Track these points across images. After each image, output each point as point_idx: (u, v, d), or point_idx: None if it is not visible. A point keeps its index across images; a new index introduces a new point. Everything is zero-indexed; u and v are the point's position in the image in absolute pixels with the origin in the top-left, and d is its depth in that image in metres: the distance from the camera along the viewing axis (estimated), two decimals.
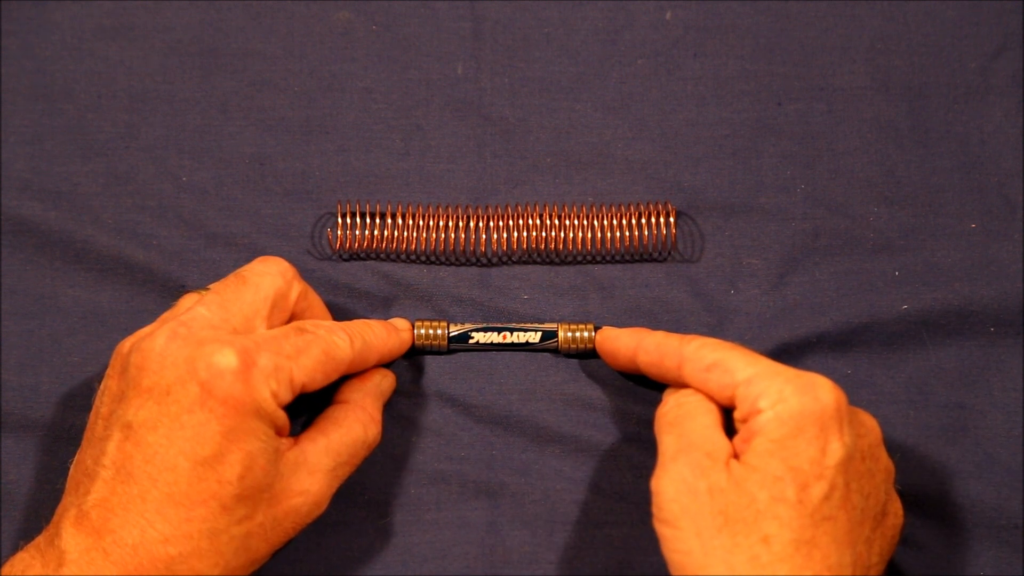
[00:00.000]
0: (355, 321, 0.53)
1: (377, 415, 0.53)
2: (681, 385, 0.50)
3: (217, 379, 0.44)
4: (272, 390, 0.45)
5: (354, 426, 0.51)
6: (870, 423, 0.49)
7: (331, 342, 0.49)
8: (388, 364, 0.56)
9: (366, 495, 0.56)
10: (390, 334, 0.54)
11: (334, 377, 0.49)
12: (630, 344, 0.53)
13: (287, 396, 0.46)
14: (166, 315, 0.50)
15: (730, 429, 0.48)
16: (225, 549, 0.45)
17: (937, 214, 0.59)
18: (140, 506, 0.44)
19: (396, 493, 0.56)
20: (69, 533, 0.44)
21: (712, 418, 0.48)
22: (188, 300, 0.49)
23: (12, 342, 0.56)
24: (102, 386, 0.49)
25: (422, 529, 0.55)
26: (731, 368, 0.47)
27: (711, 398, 0.49)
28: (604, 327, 0.56)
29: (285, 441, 0.48)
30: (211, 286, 0.50)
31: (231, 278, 0.50)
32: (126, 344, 0.49)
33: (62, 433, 0.55)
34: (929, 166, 0.59)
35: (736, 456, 0.46)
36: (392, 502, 0.56)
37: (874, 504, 0.47)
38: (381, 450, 0.56)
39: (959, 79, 0.60)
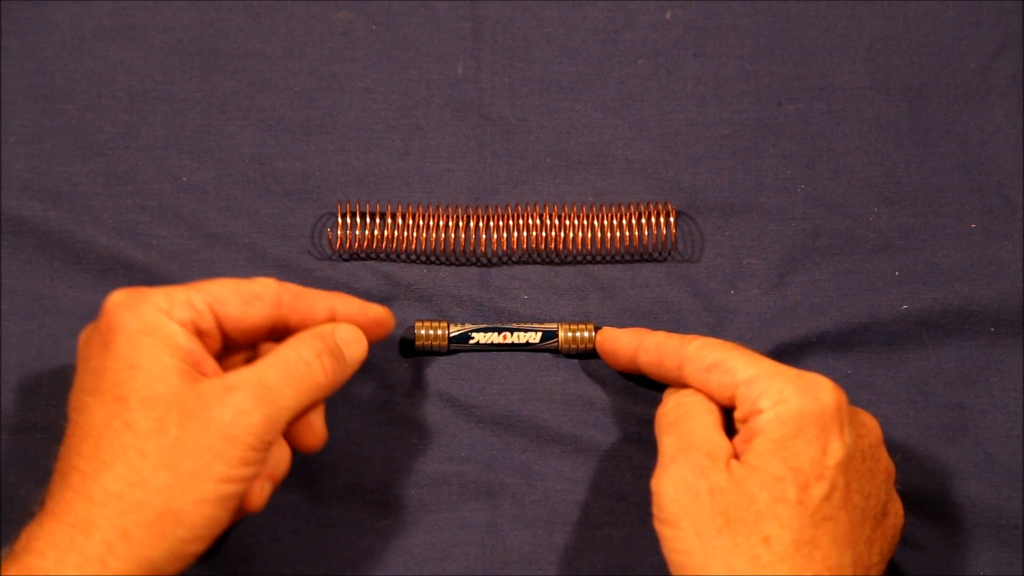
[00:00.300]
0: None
1: (316, 343, 0.49)
2: (681, 385, 0.50)
3: (107, 315, 0.46)
4: (161, 308, 0.46)
5: (282, 349, 0.48)
6: (871, 423, 0.49)
7: (247, 280, 0.49)
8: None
9: (366, 496, 0.56)
10: (347, 298, 0.51)
11: (256, 305, 0.48)
12: (630, 344, 0.53)
13: (184, 313, 0.46)
14: None
15: (730, 429, 0.48)
16: (140, 466, 0.44)
17: (937, 214, 0.59)
18: (80, 457, 0.45)
19: (396, 494, 0.56)
20: (55, 498, 0.45)
21: (712, 418, 0.48)
22: None
23: (12, 342, 0.56)
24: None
25: (422, 530, 0.55)
26: (731, 368, 0.47)
27: (711, 398, 0.49)
28: (604, 327, 0.56)
29: (204, 369, 0.47)
30: None
31: None
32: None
33: (62, 433, 0.55)
34: (929, 166, 0.59)
35: (736, 456, 0.46)
36: (392, 503, 0.56)
37: (875, 504, 0.47)
38: (381, 451, 0.56)
39: (959, 79, 0.60)
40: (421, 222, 0.58)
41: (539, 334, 0.56)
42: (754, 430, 0.46)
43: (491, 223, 0.58)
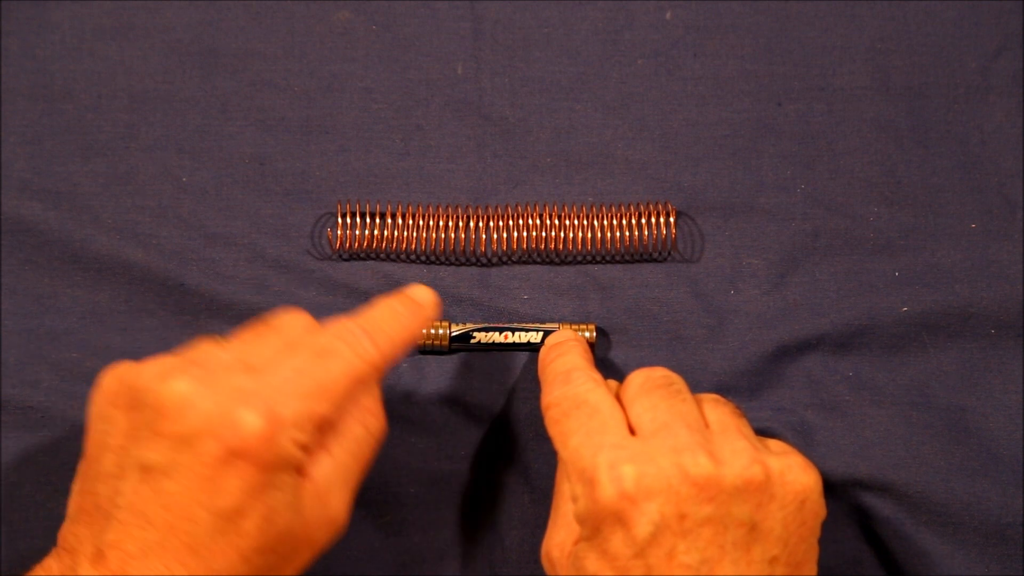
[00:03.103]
0: (376, 309, 0.49)
1: (373, 405, 0.48)
2: None
3: (242, 442, 0.42)
4: (298, 442, 0.43)
5: (354, 427, 0.47)
6: (737, 468, 0.45)
7: (355, 359, 0.46)
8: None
9: (366, 495, 0.55)
10: (414, 315, 0.50)
11: (364, 391, 0.47)
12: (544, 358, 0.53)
13: (312, 439, 0.44)
14: (183, 353, 0.47)
15: None
16: None
17: (937, 214, 0.59)
18: (159, 553, 0.42)
19: (396, 493, 0.56)
20: (86, 570, 0.43)
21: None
22: (206, 343, 0.47)
23: (12, 342, 0.56)
24: (103, 412, 0.45)
25: (422, 529, 0.55)
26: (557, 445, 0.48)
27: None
28: (556, 340, 0.55)
29: (304, 477, 0.45)
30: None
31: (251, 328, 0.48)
32: (132, 374, 0.45)
33: (62, 433, 0.55)
34: (929, 166, 0.59)
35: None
36: (392, 502, 0.56)
37: (716, 555, 0.44)
38: (381, 450, 0.56)
39: (959, 79, 0.60)
40: (421, 222, 0.58)
41: (540, 334, 0.56)
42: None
43: (491, 223, 0.58)
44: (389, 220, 0.58)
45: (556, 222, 0.58)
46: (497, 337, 0.56)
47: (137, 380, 0.44)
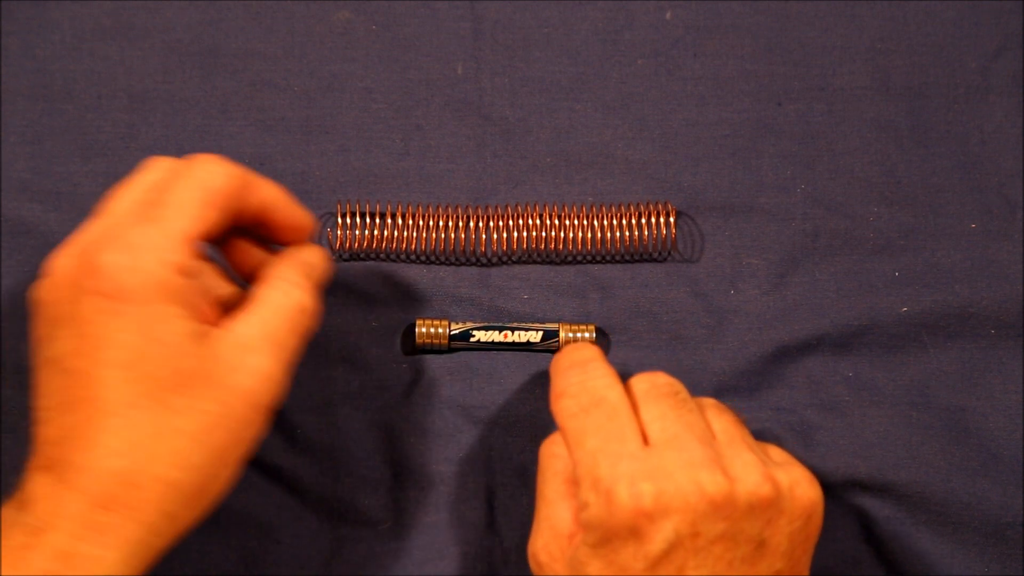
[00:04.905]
0: None
1: (299, 278, 0.48)
2: None
3: (106, 281, 0.43)
4: (163, 261, 0.43)
5: (274, 294, 0.47)
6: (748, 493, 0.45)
7: (202, 168, 0.46)
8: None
9: (366, 496, 0.56)
10: (261, 184, 0.49)
11: (226, 209, 0.46)
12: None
13: (177, 256, 0.44)
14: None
15: None
16: (177, 445, 0.43)
17: (937, 214, 0.59)
18: (85, 428, 0.43)
19: (395, 493, 0.56)
20: (33, 477, 0.44)
21: (561, 481, 0.48)
22: None
23: (12, 342, 0.56)
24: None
25: (421, 530, 0.55)
26: (566, 448, 0.47)
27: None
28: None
29: (207, 326, 0.45)
30: None
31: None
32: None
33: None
34: (929, 166, 0.59)
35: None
36: (391, 502, 0.56)
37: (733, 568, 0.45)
38: (380, 450, 0.56)
39: (959, 79, 0.60)
40: (421, 222, 0.58)
41: (540, 333, 0.56)
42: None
43: (491, 223, 0.58)
44: (389, 220, 0.58)
45: (556, 222, 0.58)
46: (497, 336, 0.56)
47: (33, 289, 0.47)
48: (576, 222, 0.58)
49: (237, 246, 0.50)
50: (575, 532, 0.46)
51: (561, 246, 0.58)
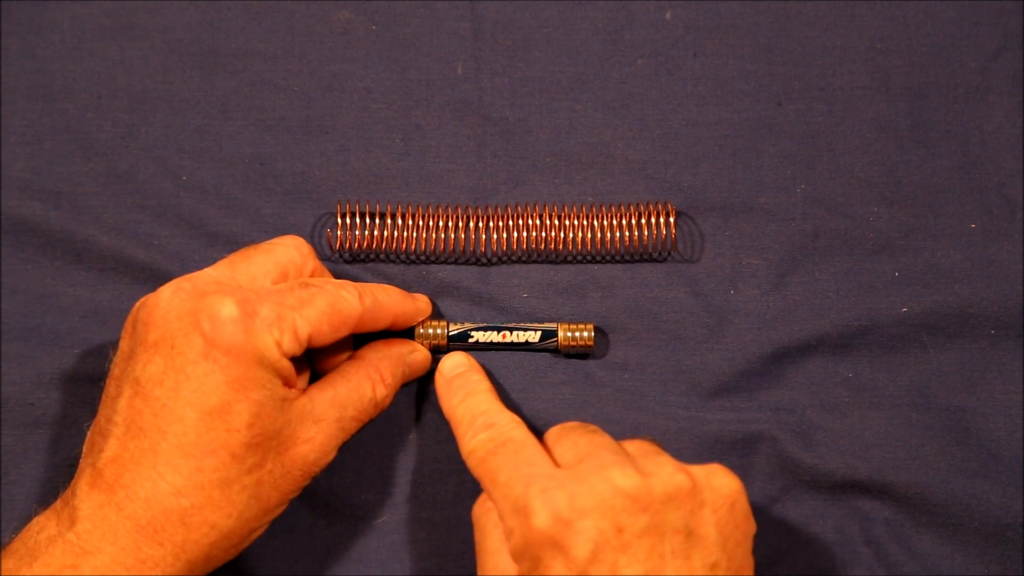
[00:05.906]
0: (370, 283, 0.53)
1: (389, 378, 0.52)
2: None
3: (219, 329, 0.45)
4: (275, 339, 0.46)
5: (362, 382, 0.51)
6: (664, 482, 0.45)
7: (338, 295, 0.49)
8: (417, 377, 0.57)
9: (364, 494, 0.56)
10: (405, 298, 0.54)
11: (343, 331, 0.49)
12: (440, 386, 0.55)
13: (292, 346, 0.47)
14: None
15: None
16: (237, 498, 0.45)
17: (937, 214, 0.59)
18: (151, 459, 0.44)
19: (394, 492, 0.56)
20: (83, 491, 0.45)
21: (498, 536, 0.47)
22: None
23: (12, 342, 0.56)
24: (117, 349, 0.49)
25: (420, 528, 0.55)
26: (485, 485, 0.48)
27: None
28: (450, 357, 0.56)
29: (293, 391, 0.48)
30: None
31: (244, 248, 0.51)
32: (137, 304, 0.49)
33: (63, 432, 0.55)
34: (929, 166, 0.59)
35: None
36: (390, 501, 0.56)
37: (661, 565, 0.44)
38: (379, 449, 0.56)
39: (959, 79, 0.60)
40: (421, 222, 0.58)
41: (538, 333, 0.56)
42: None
43: (491, 223, 0.58)
44: (389, 220, 0.58)
45: (556, 222, 0.58)
46: (495, 336, 0.56)
47: (135, 307, 0.48)
48: (576, 222, 0.58)
49: None
50: (517, 571, 0.46)
51: (561, 246, 0.58)
